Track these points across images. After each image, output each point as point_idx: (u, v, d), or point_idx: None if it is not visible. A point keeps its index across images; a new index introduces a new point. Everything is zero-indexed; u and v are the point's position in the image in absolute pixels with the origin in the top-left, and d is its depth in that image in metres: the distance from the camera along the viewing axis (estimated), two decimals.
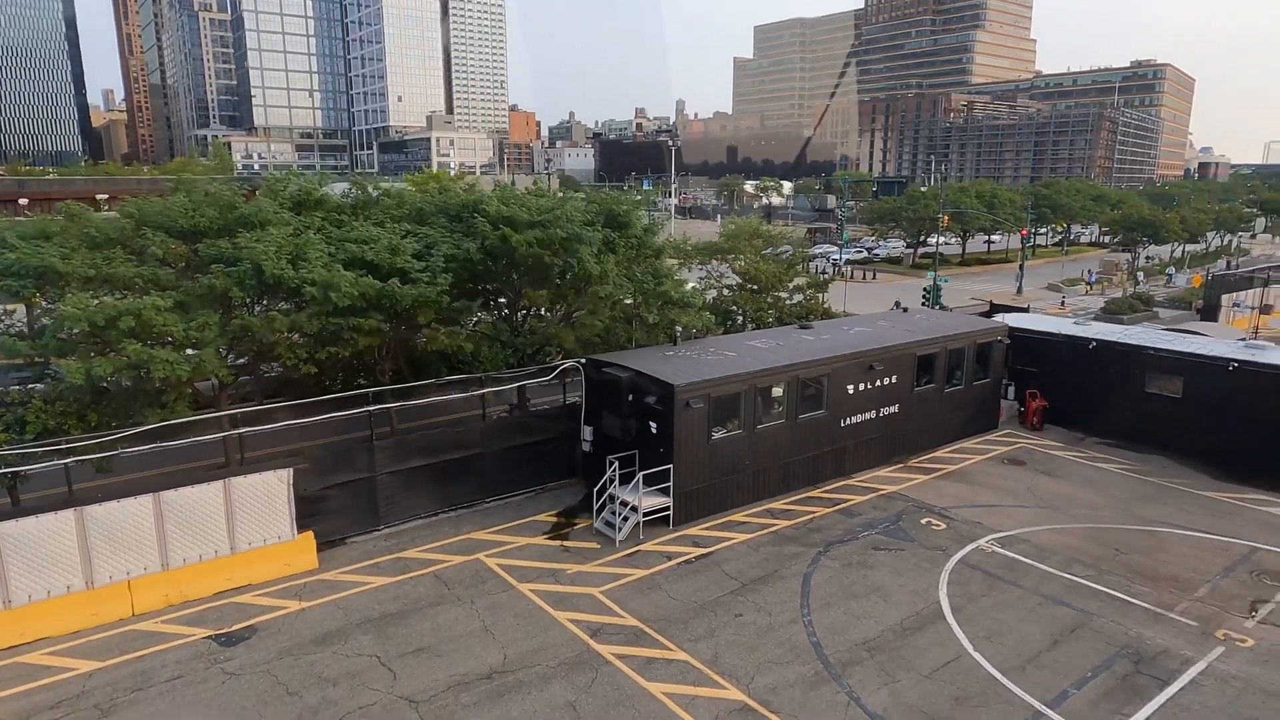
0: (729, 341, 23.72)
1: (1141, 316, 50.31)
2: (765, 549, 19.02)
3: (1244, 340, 26.89)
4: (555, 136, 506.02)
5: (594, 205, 23.54)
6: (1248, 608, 16.68)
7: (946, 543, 19.50)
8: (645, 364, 20.58)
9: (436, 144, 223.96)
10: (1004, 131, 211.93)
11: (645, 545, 19.07)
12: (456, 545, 18.97)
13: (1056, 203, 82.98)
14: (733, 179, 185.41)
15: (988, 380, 27.56)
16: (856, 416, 23.53)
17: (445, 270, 19.53)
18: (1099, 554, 19.03)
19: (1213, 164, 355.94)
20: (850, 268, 72.53)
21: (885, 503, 21.90)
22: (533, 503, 21.42)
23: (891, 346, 24.12)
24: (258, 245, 17.53)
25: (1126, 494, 22.78)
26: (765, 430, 21.37)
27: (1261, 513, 21.60)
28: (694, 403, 19.51)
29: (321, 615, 15.93)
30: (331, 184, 25.25)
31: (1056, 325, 29.48)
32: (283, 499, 17.30)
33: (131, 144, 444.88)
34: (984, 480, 23.67)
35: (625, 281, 22.89)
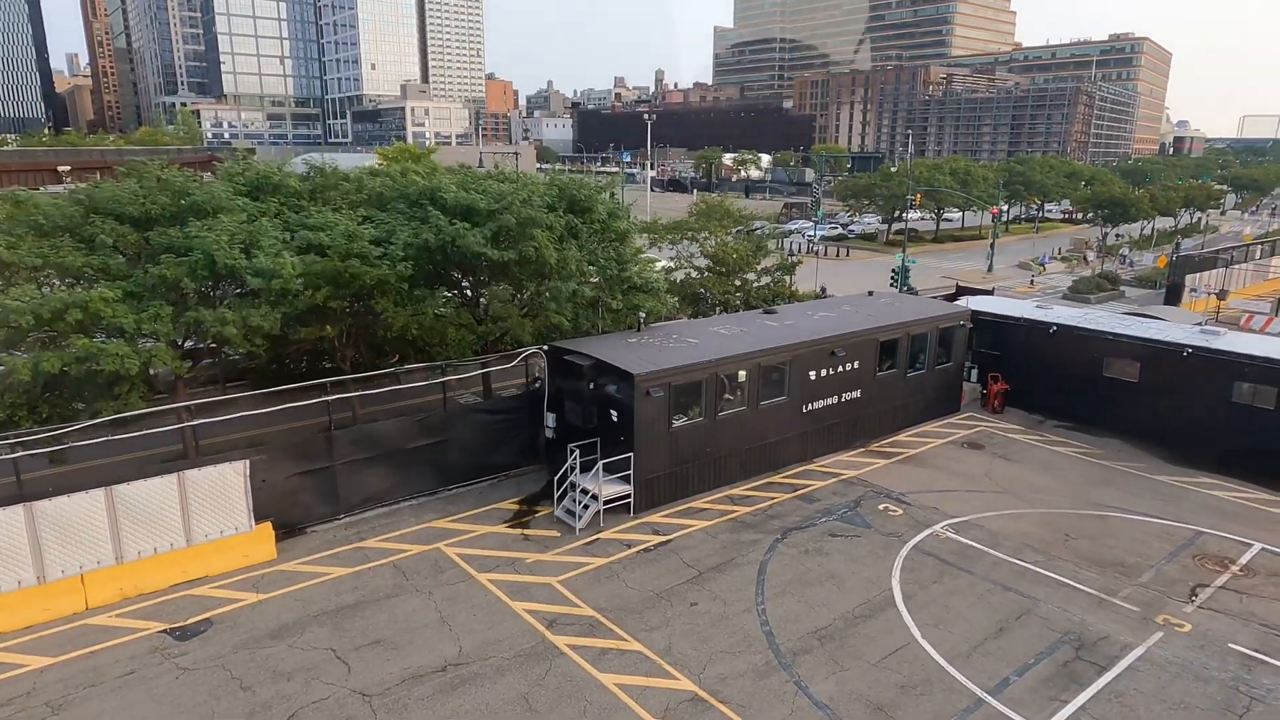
0: (692, 328, 23.77)
1: (1107, 296, 51.01)
2: (724, 536, 19.26)
3: (1200, 325, 27.33)
4: (533, 106, 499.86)
5: (554, 190, 23.30)
6: (1188, 592, 17.17)
7: (902, 529, 19.84)
8: (607, 352, 20.60)
9: (411, 114, 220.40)
10: (982, 105, 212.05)
11: (605, 533, 19.24)
12: (416, 534, 19.04)
13: (1030, 179, 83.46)
14: (711, 151, 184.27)
15: (950, 364, 27.88)
16: (818, 402, 23.74)
17: (404, 259, 19.37)
18: (1049, 539, 19.46)
19: (1188, 138, 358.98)
20: (824, 244, 72.75)
21: (845, 488, 22.20)
22: (495, 490, 21.50)
23: (854, 333, 24.30)
24: (209, 234, 17.27)
25: (1080, 478, 23.24)
26: (726, 417, 21.53)
27: (1207, 496, 22.14)
28: (654, 391, 19.60)
29: (278, 607, 15.97)
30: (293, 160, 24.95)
31: (1018, 309, 29.80)
32: (239, 490, 17.24)
33: (97, 110, 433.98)
34: (943, 465, 24.04)
35: (587, 267, 22.88)
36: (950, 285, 53.89)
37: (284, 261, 17.35)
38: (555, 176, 24.87)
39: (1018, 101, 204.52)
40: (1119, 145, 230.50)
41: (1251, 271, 49.04)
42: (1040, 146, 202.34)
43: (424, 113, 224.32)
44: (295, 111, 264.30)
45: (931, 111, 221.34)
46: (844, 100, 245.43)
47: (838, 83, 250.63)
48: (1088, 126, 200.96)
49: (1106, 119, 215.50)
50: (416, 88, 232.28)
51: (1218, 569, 18.18)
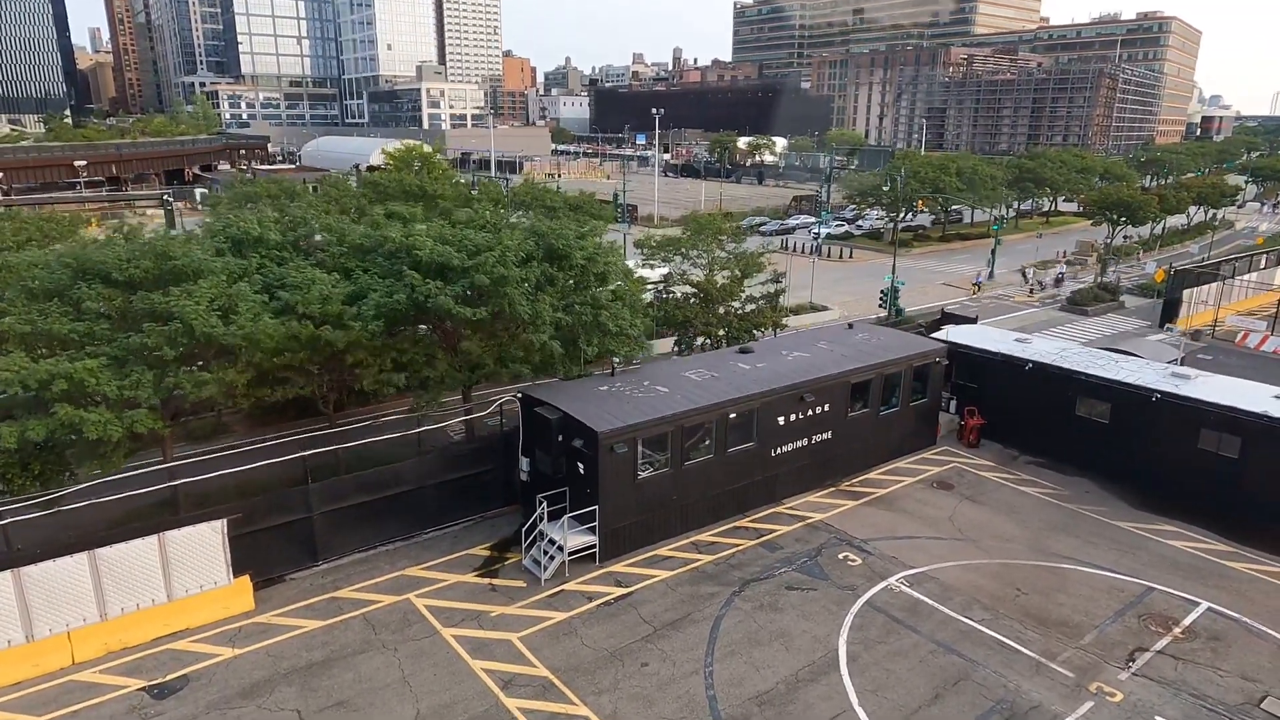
0: (664, 372, 24.31)
1: (1106, 307, 50.88)
2: (683, 589, 20.01)
3: (1172, 366, 27.53)
4: (551, 83, 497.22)
5: (533, 239, 23.83)
6: (1126, 657, 17.73)
7: (858, 581, 20.49)
8: (575, 403, 21.29)
9: (426, 95, 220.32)
10: (1003, 88, 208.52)
11: (570, 584, 20.04)
12: (389, 583, 19.95)
13: (1040, 176, 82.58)
14: (726, 135, 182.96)
15: (925, 400, 28.32)
16: (787, 445, 24.34)
17: (376, 317, 20.09)
18: (1000, 595, 20.04)
19: (1216, 118, 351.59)
20: (828, 244, 72.66)
21: (809, 534, 22.85)
22: (470, 533, 22.36)
23: (824, 377, 24.80)
24: (187, 302, 18.07)
25: (1042, 524, 23.72)
26: (693, 466, 22.21)
27: (1166, 547, 22.57)
28: (618, 447, 20.29)
29: (251, 664, 16.93)
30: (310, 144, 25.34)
31: (996, 343, 30.10)
32: (217, 547, 18.18)
33: (119, 88, 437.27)
34: (909, 507, 24.60)
35: (563, 315, 23.47)
36: (951, 296, 54.05)
37: (264, 324, 18.14)
38: (537, 222, 25.25)
39: (1039, 84, 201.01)
40: (1142, 129, 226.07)
41: (1253, 285, 48.65)
42: (1061, 131, 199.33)
43: (439, 94, 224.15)
44: (313, 92, 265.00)
45: (951, 94, 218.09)
46: (862, 81, 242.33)
47: (856, 63, 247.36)
48: (1110, 110, 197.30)
49: (1130, 102, 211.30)
50: (432, 69, 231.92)
51: (1160, 631, 18.71)
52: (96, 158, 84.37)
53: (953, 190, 69.15)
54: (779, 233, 79.35)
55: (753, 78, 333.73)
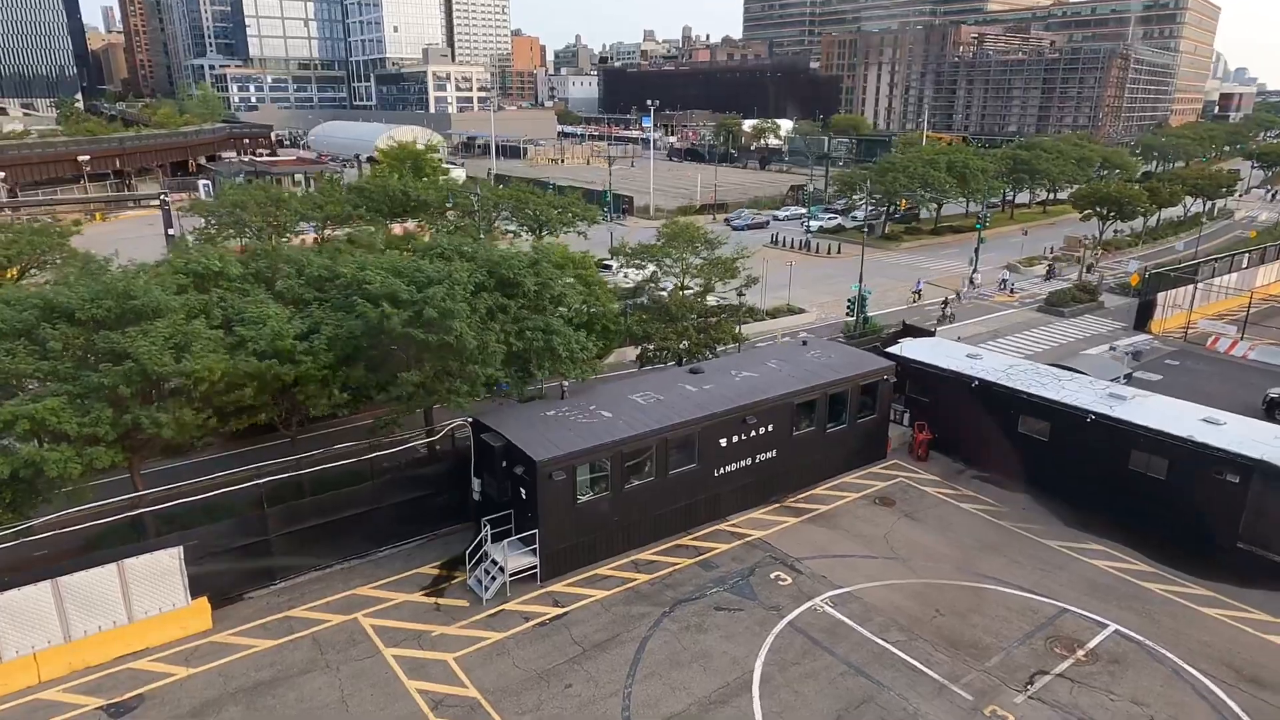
0: (610, 396, 25.30)
1: (1084, 308, 51.32)
2: (617, 609, 21.16)
3: (1112, 385, 28.23)
4: (561, 63, 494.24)
5: (484, 270, 24.76)
6: (1026, 680, 18.75)
7: (785, 601, 21.57)
8: (519, 429, 22.39)
9: (432, 78, 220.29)
10: (1013, 69, 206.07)
11: (510, 604, 21.24)
12: (340, 603, 21.21)
13: (1035, 168, 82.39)
14: (730, 119, 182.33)
15: (874, 416, 29.21)
16: (731, 465, 25.36)
17: (328, 350, 21.19)
18: (919, 616, 21.06)
19: (1236, 94, 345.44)
20: (819, 238, 73.14)
21: (746, 552, 23.92)
22: (422, 552, 23.55)
23: (766, 399, 25.74)
24: (142, 342, 19.22)
25: (973, 542, 24.68)
26: (634, 489, 23.28)
27: (1088, 566, 23.49)
28: (556, 474, 21.38)
29: (203, 683, 18.25)
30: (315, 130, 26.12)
31: (947, 358, 30.88)
32: (175, 572, 19.47)
33: (130, 69, 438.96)
34: (847, 524, 25.61)
35: (515, 341, 24.48)
36: (933, 295, 54.59)
37: (211, 361, 19.29)
38: (490, 251, 26.11)
39: (1049, 65, 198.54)
40: (1157, 109, 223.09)
41: (1225, 290, 48.88)
42: (1071, 113, 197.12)
43: (445, 77, 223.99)
44: (320, 75, 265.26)
45: (961, 74, 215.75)
46: (872, 61, 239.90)
47: (865, 42, 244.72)
48: (1122, 91, 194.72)
49: (1143, 82, 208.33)
50: (438, 51, 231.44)
51: (1064, 653, 19.71)
52: (100, 152, 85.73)
53: (940, 186, 69.31)
54: (750, 227, 79.10)
55: (763, 57, 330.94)
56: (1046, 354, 43.63)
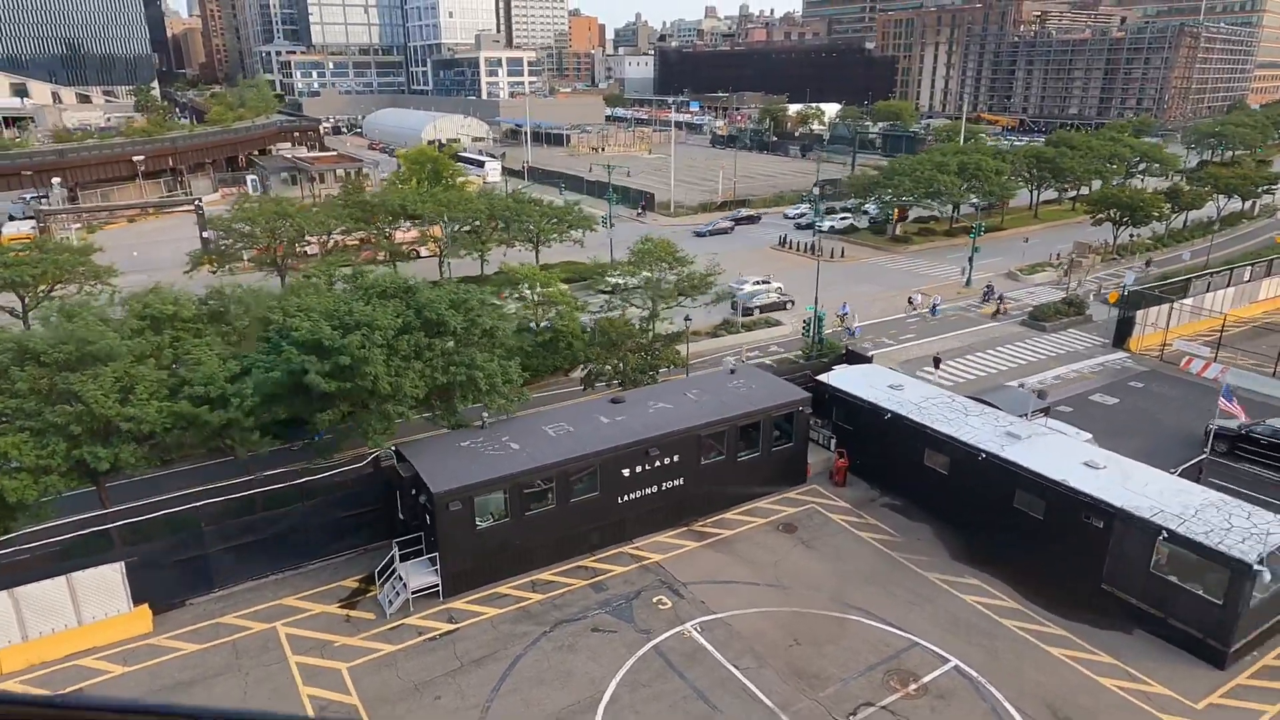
0: (524, 428, 27.57)
1: (1068, 322, 51.30)
2: (504, 627, 23.63)
3: (1013, 424, 29.15)
4: (620, 42, 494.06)
5: (410, 311, 27.20)
6: (850, 711, 20.55)
7: (658, 624, 23.71)
8: (427, 460, 24.94)
9: (485, 64, 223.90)
10: (1074, 48, 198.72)
11: (410, 619, 23.90)
12: (265, 611, 24.20)
13: (1060, 166, 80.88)
14: (775, 104, 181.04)
15: (790, 444, 30.86)
16: (635, 493, 27.48)
17: (255, 394, 24.03)
18: (777, 643, 22.96)
19: None
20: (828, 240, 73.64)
21: (639, 576, 26.08)
22: (349, 566, 26.40)
23: (670, 432, 27.71)
24: (91, 386, 22.34)
25: (857, 572, 26.30)
26: (534, 515, 25.63)
27: (958, 602, 24.92)
28: (453, 504, 23.88)
29: (134, 681, 21.43)
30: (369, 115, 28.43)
31: (870, 389, 32.19)
32: (118, 583, 22.70)
33: (207, 54, 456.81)
34: (744, 551, 27.49)
35: (440, 375, 26.97)
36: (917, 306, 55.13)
37: (149, 409, 22.31)
38: (417, 295, 28.33)
39: (1113, 44, 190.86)
40: (1232, 90, 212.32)
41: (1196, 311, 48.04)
42: (1135, 95, 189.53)
43: (498, 63, 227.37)
44: (380, 60, 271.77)
45: (1020, 55, 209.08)
46: (928, 41, 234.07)
47: (922, 21, 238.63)
48: (1189, 72, 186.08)
49: (1214, 60, 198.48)
50: (490, 37, 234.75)
51: (896, 686, 21.39)
52: (153, 152, 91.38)
53: (950, 189, 69.07)
54: (714, 233, 78.37)
55: (821, 35, 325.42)
56: (1012, 372, 44.34)
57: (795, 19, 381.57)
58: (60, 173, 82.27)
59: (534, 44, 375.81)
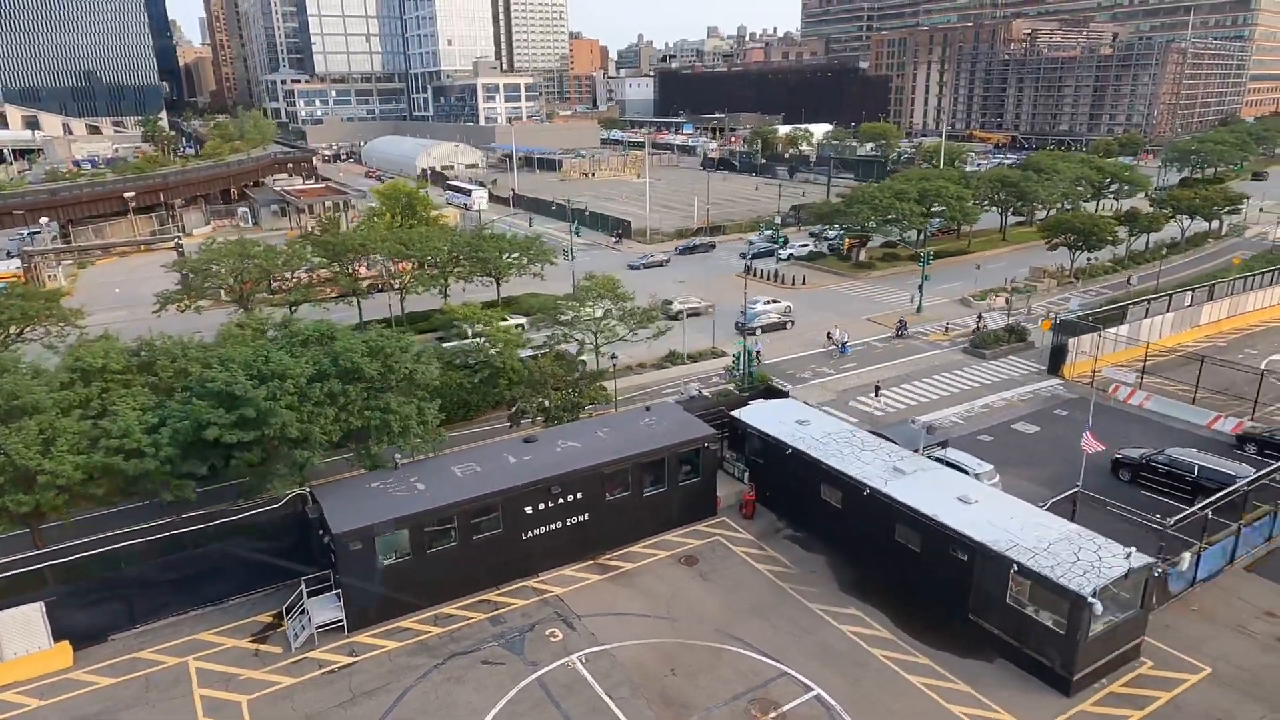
0: (434, 469, 29.14)
1: (1009, 349, 52.53)
2: (401, 660, 25.12)
3: (904, 459, 30.45)
4: (623, 63, 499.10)
5: (326, 359, 28.93)
6: None
7: (545, 657, 25.13)
8: (334, 501, 26.57)
9: (482, 90, 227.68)
10: (1064, 65, 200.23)
11: (315, 652, 25.43)
12: (181, 646, 25.79)
13: (1024, 191, 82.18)
14: (765, 126, 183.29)
15: (698, 479, 32.29)
16: (539, 529, 28.96)
17: (170, 444, 25.77)
18: (654, 674, 24.31)
19: None
20: (789, 267, 75.22)
21: (537, 609, 27.52)
22: (267, 600, 27.94)
23: (573, 471, 29.22)
24: (14, 439, 24.15)
25: (746, 604, 27.61)
26: (437, 553, 27.16)
27: (835, 632, 26.19)
28: (354, 544, 25.47)
29: (47, 713, 23.05)
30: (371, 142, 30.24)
31: (778, 424, 33.57)
32: (39, 622, 24.39)
33: (217, 82, 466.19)
34: (644, 583, 28.90)
35: (354, 419, 28.68)
36: (873, 332, 56.48)
37: (66, 464, 24.10)
38: (344, 339, 29.95)
39: (1101, 61, 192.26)
40: (1223, 104, 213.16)
41: (1122, 339, 48.88)
42: (1125, 111, 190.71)
43: (494, 89, 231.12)
44: (381, 87, 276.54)
45: (1011, 73, 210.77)
46: (921, 60, 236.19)
47: (915, 41, 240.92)
48: (1178, 88, 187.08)
49: (1204, 74, 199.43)
50: (487, 64, 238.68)
51: (758, 715, 22.72)
52: (144, 188, 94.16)
53: (910, 216, 70.51)
54: (648, 266, 78.71)
55: (818, 55, 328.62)
56: (948, 399, 45.70)
57: (794, 38, 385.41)
58: (53, 211, 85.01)
59: (535, 67, 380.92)
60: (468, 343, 41.09)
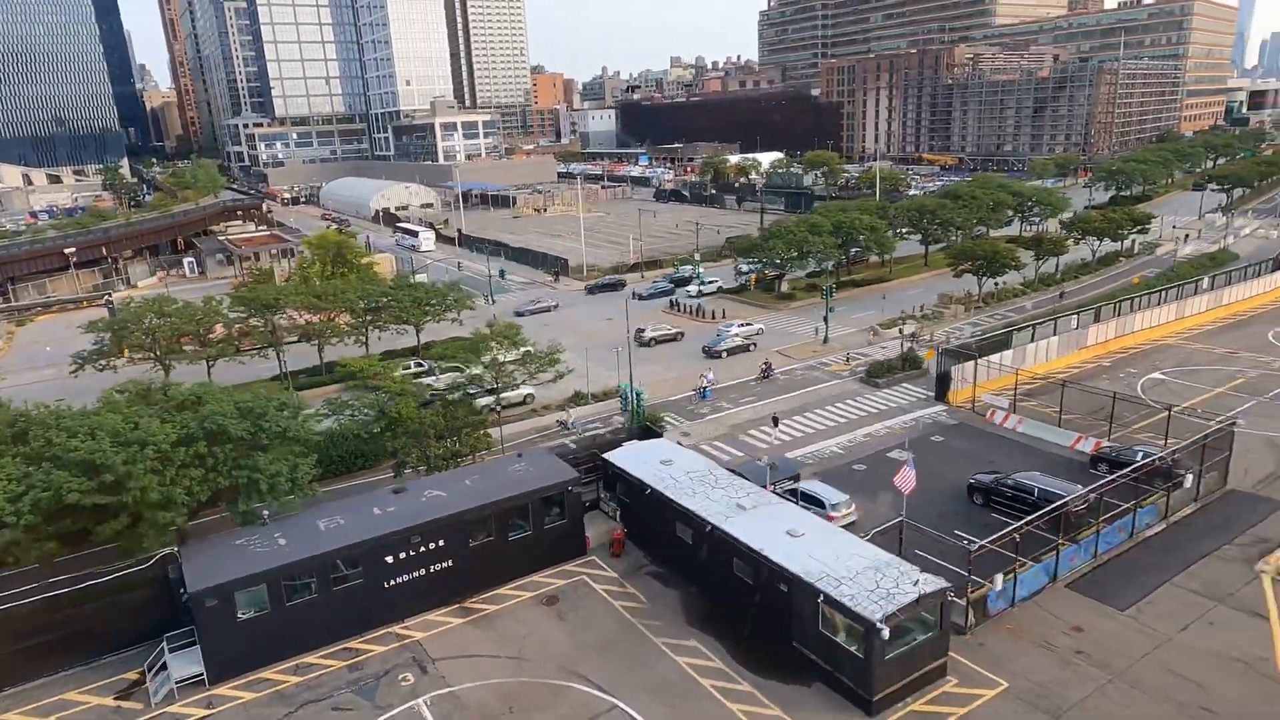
0: (299, 523, 30.53)
1: (902, 377, 54.76)
2: (255, 710, 26.44)
3: (750, 495, 32.29)
4: (588, 95, 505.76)
5: (194, 423, 30.45)
6: None
7: (395, 701, 26.54)
8: (197, 558, 27.99)
9: (440, 129, 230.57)
10: (1004, 88, 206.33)
11: (174, 706, 26.70)
12: (47, 706, 26.94)
13: (946, 219, 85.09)
14: (716, 157, 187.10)
15: (564, 521, 33.94)
16: (402, 577, 30.45)
17: (31, 512, 27.13)
18: (494, 713, 25.77)
19: (1271, 91, 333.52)
20: (709, 301, 77.46)
21: (396, 654, 28.94)
22: (138, 657, 29.12)
23: (435, 520, 30.80)
24: None
25: (594, 641, 29.17)
26: (297, 605, 28.57)
27: (673, 665, 27.77)
28: (210, 600, 26.86)
29: None
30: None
31: (643, 465, 35.37)
32: None
33: (183, 125, 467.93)
34: (503, 625, 30.41)
35: (222, 479, 30.18)
36: (780, 364, 58.53)
37: None
38: (202, 410, 31.48)
39: (1039, 84, 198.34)
40: (1161, 120, 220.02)
41: (999, 367, 51.05)
42: (1064, 131, 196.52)
43: (452, 126, 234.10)
44: (342, 128, 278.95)
45: (955, 97, 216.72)
46: (870, 87, 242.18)
47: (863, 68, 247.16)
48: (1113, 108, 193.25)
49: (1137, 94, 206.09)
50: (444, 103, 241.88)
51: None
52: (85, 243, 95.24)
53: (822, 249, 73.07)
54: (535, 311, 78.58)
55: (776, 83, 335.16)
56: (839, 428, 47.85)
57: (753, 67, 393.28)
58: None
59: (498, 103, 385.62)
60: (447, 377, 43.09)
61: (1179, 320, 63.72)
